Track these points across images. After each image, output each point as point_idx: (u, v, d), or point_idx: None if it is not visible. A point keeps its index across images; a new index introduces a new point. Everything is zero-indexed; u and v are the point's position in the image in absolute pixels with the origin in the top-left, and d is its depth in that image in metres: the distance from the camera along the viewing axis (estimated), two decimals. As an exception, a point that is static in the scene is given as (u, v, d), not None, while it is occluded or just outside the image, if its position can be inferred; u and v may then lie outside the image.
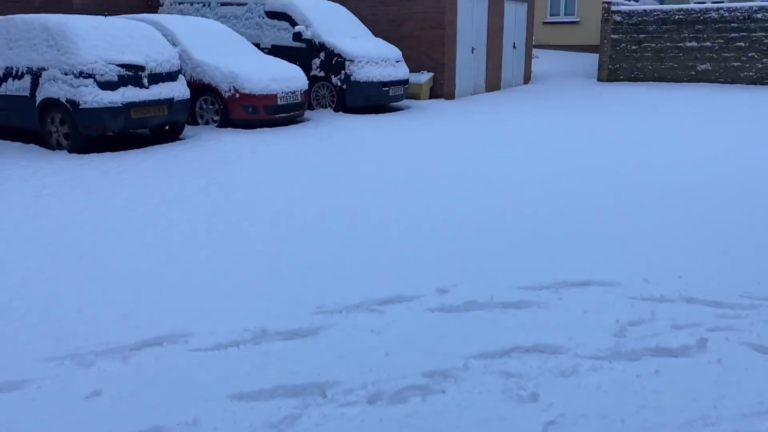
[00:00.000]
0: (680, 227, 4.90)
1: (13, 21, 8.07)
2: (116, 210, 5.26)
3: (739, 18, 18.14)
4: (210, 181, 6.29)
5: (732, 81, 18.40)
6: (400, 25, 14.35)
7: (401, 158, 7.61)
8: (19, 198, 5.59)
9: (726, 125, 10.41)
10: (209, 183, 6.19)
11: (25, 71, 7.81)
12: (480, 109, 13.07)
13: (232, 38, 10.79)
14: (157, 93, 8.03)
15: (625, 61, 19.63)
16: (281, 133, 9.31)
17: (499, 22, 16.64)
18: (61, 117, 7.67)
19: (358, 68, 11.50)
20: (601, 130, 9.90)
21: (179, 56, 9.32)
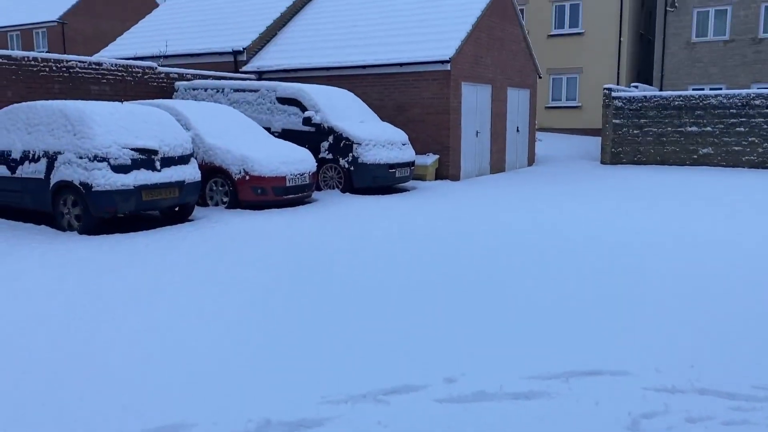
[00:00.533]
0: (689, 313, 4.85)
1: (34, 107, 8.39)
2: (122, 293, 5.27)
3: (737, 104, 18.64)
4: (217, 263, 6.32)
5: (734, 165, 18.72)
6: (407, 110, 14.78)
7: (407, 239, 7.65)
8: (27, 280, 5.63)
9: (733, 209, 10.48)
10: (216, 265, 6.21)
11: (41, 155, 8.05)
12: (485, 190, 13.26)
13: (243, 123, 11.12)
14: (169, 176, 8.22)
15: (627, 145, 20.03)
16: (289, 215, 9.44)
17: (503, 107, 17.14)
18: (74, 199, 7.83)
19: (366, 151, 11.78)
20: (607, 214, 9.92)
21: (192, 140, 9.60)
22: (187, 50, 17.67)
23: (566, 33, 26.60)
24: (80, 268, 6.04)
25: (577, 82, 26.29)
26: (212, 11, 19.93)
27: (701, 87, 25.03)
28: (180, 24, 19.89)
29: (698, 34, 25.27)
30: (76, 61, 12.01)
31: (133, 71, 13.17)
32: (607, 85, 20.18)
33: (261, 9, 18.72)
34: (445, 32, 14.88)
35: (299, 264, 6.34)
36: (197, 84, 13.42)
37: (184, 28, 19.50)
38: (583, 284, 5.73)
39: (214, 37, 18.05)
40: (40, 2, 39.21)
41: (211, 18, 19.44)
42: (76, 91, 11.83)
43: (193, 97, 13.30)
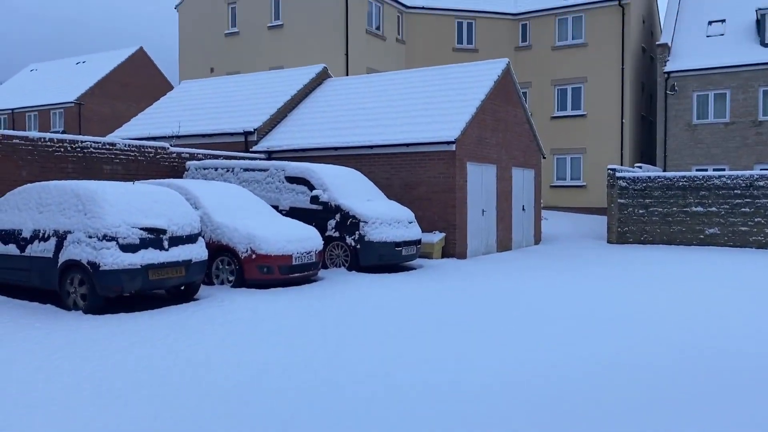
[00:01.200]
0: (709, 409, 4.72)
1: (47, 187, 8.55)
2: (125, 376, 5.19)
3: (741, 185, 18.81)
4: (221, 346, 6.24)
5: (741, 245, 18.70)
6: (413, 188, 14.97)
7: (413, 322, 7.57)
8: (30, 361, 5.55)
9: (748, 292, 10.35)
10: (219, 350, 6.13)
11: (51, 234, 8.13)
12: (491, 269, 13.19)
13: (251, 201, 11.27)
14: (176, 255, 8.25)
15: (633, 225, 20.10)
16: (293, 294, 9.38)
17: (508, 186, 17.38)
18: (81, 278, 7.84)
19: (372, 229, 11.85)
20: (618, 296, 9.78)
21: (201, 218, 9.71)
22: (199, 131, 18.17)
23: (569, 115, 27.42)
24: (83, 350, 5.97)
25: (581, 162, 26.95)
26: (224, 94, 20.62)
27: (704, 167, 25.38)
28: (193, 106, 20.56)
29: (699, 117, 25.78)
30: (90, 141, 12.34)
31: (146, 151, 13.49)
32: (611, 166, 20.45)
33: (272, 92, 19.37)
34: (450, 114, 15.26)
35: (299, 350, 6.26)
36: (208, 164, 13.70)
37: (197, 109, 20.14)
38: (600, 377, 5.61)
39: (225, 118, 18.59)
40: (59, 85, 40.68)
41: (223, 100, 20.08)
42: (89, 170, 12.09)
43: (203, 176, 13.57)
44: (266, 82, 20.52)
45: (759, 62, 24.49)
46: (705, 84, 25.62)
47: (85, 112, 37.67)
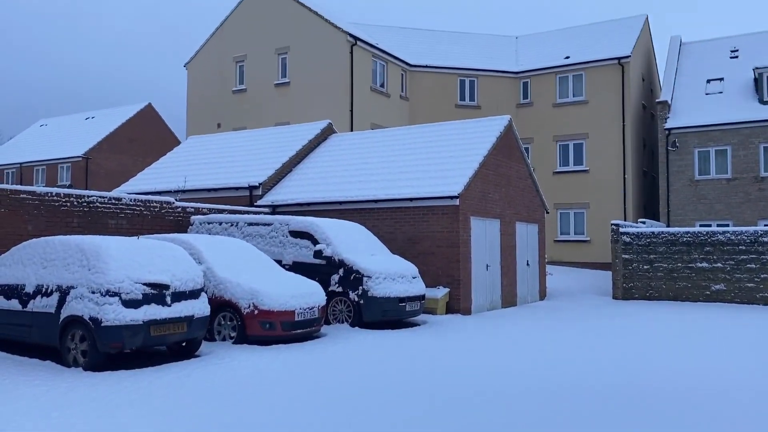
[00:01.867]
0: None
1: (52, 242, 8.58)
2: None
3: (746, 241, 18.80)
4: (219, 410, 6.13)
5: (749, 301, 18.51)
6: (417, 243, 15.00)
7: (417, 384, 7.44)
8: (27, 421, 5.46)
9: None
10: (217, 413, 6.02)
11: (54, 289, 8.10)
12: (496, 327, 12.99)
13: (255, 256, 11.28)
14: (179, 311, 8.19)
15: (638, 280, 19.99)
16: (296, 351, 9.24)
17: (512, 241, 17.44)
18: (82, 334, 7.76)
19: (376, 284, 11.80)
20: (626, 356, 9.61)
21: (204, 273, 9.67)
22: (205, 185, 18.34)
23: (571, 170, 27.78)
24: (82, 409, 5.86)
25: (585, 217, 27.12)
26: (230, 149, 20.93)
27: (708, 223, 25.29)
28: (199, 160, 20.84)
29: (701, 173, 25.97)
30: (96, 196, 12.45)
31: (151, 206, 13.58)
32: (615, 221, 20.52)
33: (277, 147, 19.66)
34: (453, 169, 15.44)
35: (302, 411, 6.15)
36: (212, 218, 13.78)
37: (203, 164, 20.40)
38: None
39: (231, 173, 18.79)
40: (68, 140, 41.35)
41: (229, 155, 20.35)
42: (95, 225, 12.16)
43: (208, 230, 13.62)
44: (272, 138, 20.89)
45: (758, 119, 24.91)
46: (705, 140, 25.92)
47: (93, 167, 38.14)
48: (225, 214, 14.21)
